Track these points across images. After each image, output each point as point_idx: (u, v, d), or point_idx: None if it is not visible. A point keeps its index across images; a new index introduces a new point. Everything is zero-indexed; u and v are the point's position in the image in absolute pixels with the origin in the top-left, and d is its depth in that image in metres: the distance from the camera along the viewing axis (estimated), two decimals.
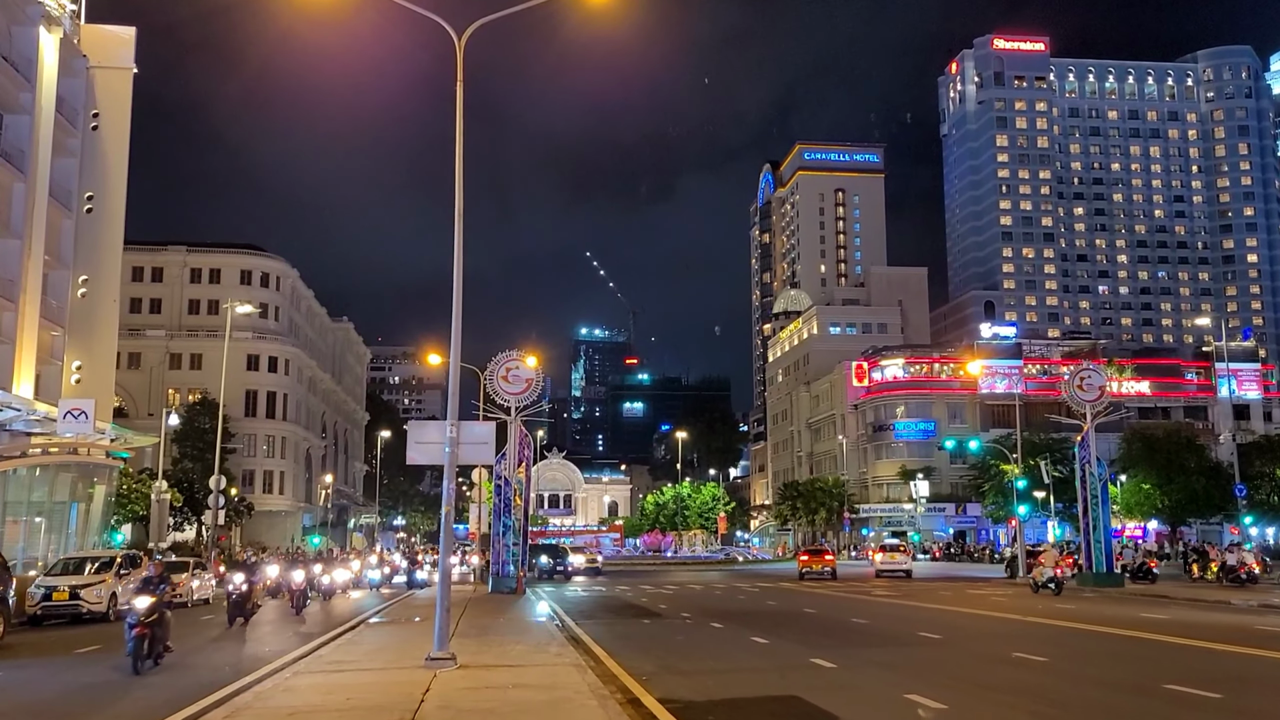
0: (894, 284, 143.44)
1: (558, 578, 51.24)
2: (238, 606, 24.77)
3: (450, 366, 15.90)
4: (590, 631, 22.00)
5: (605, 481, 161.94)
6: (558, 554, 55.43)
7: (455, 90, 16.07)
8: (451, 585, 19.63)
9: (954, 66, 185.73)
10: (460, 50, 15.94)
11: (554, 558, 53.96)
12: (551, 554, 54.85)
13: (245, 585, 24.85)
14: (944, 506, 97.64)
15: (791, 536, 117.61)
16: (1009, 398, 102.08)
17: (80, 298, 47.17)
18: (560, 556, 54.63)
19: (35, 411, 38.70)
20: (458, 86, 16.00)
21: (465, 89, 16.03)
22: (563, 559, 54.22)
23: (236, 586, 24.85)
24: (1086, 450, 39.48)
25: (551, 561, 52.95)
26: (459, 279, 15.84)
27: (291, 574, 28.05)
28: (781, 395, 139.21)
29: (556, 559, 53.76)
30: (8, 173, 40.90)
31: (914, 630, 21.95)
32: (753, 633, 21.30)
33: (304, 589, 28.10)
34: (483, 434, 16.16)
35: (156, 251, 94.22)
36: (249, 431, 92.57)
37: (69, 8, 46.33)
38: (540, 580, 49.04)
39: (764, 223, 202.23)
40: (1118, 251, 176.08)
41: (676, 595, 36.94)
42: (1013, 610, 27.85)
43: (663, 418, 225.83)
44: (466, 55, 15.97)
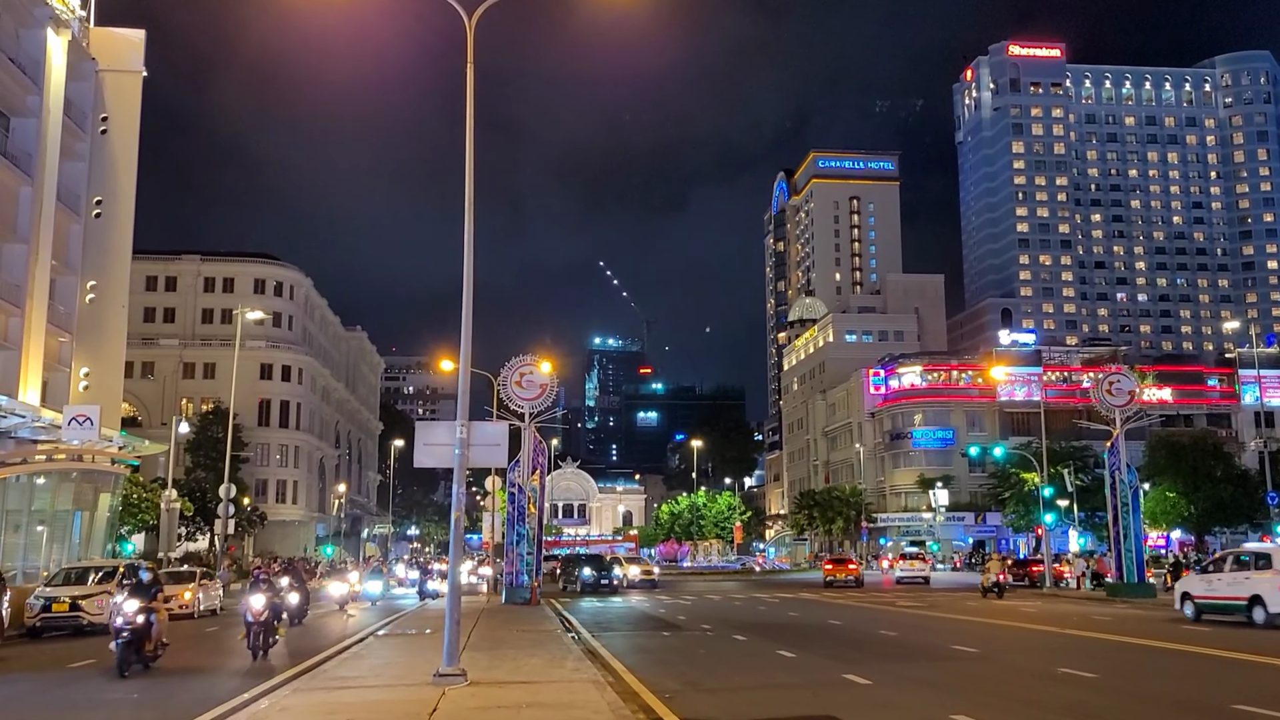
0: (910, 291, 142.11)
1: (604, 592, 45.10)
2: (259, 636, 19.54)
3: (461, 360, 15.01)
4: (608, 645, 21.05)
5: (619, 491, 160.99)
6: (603, 565, 49.28)
7: (469, 97, 15.32)
8: (463, 596, 18.81)
9: (969, 73, 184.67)
10: (470, 31, 15.15)
11: (598, 569, 47.88)
12: (595, 565, 48.94)
13: (266, 610, 19.50)
14: (963, 516, 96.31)
15: (808, 546, 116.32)
16: (1029, 405, 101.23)
17: (88, 304, 46.54)
18: (606, 568, 48.49)
19: (41, 418, 38.00)
20: (468, 69, 15.17)
21: (477, 95, 15.35)
22: (608, 571, 47.85)
23: (256, 613, 19.27)
24: (1116, 456, 38.34)
25: (595, 574, 46.92)
26: (469, 265, 14.96)
27: (250, 599, 19.35)
28: (797, 403, 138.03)
29: (601, 571, 47.65)
30: (14, 176, 40.32)
31: (946, 643, 20.93)
32: (778, 646, 20.30)
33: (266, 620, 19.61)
34: (494, 434, 15.26)
35: (170, 261, 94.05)
36: (262, 440, 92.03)
37: (78, 12, 45.81)
38: (583, 595, 44.08)
39: (778, 231, 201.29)
40: (1136, 258, 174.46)
41: (695, 606, 35.93)
42: (1046, 622, 26.78)
43: (677, 427, 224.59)
44: (479, 58, 15.24)
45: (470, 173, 15.20)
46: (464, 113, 15.23)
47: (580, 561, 50.81)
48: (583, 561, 50.74)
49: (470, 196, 15.12)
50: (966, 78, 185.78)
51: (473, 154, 15.30)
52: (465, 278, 14.90)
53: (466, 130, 15.12)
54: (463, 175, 15.27)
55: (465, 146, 15.11)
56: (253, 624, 19.36)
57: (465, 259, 14.92)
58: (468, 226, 15.06)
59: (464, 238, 15.05)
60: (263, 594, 19.62)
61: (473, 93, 15.14)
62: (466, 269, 14.92)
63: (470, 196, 15.12)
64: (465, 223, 15.04)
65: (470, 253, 15.00)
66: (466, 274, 14.92)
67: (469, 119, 15.11)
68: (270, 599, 19.73)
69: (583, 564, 49.48)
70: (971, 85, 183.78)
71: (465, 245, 14.96)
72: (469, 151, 15.24)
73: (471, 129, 15.13)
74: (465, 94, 15.29)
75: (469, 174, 15.21)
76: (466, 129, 15.06)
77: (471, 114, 15.14)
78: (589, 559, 53.23)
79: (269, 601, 19.58)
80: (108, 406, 45.74)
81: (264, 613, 19.35)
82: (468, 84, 15.16)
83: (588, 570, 47.47)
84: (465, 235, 15.02)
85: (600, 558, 55.81)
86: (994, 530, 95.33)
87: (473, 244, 15.09)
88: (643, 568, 56.39)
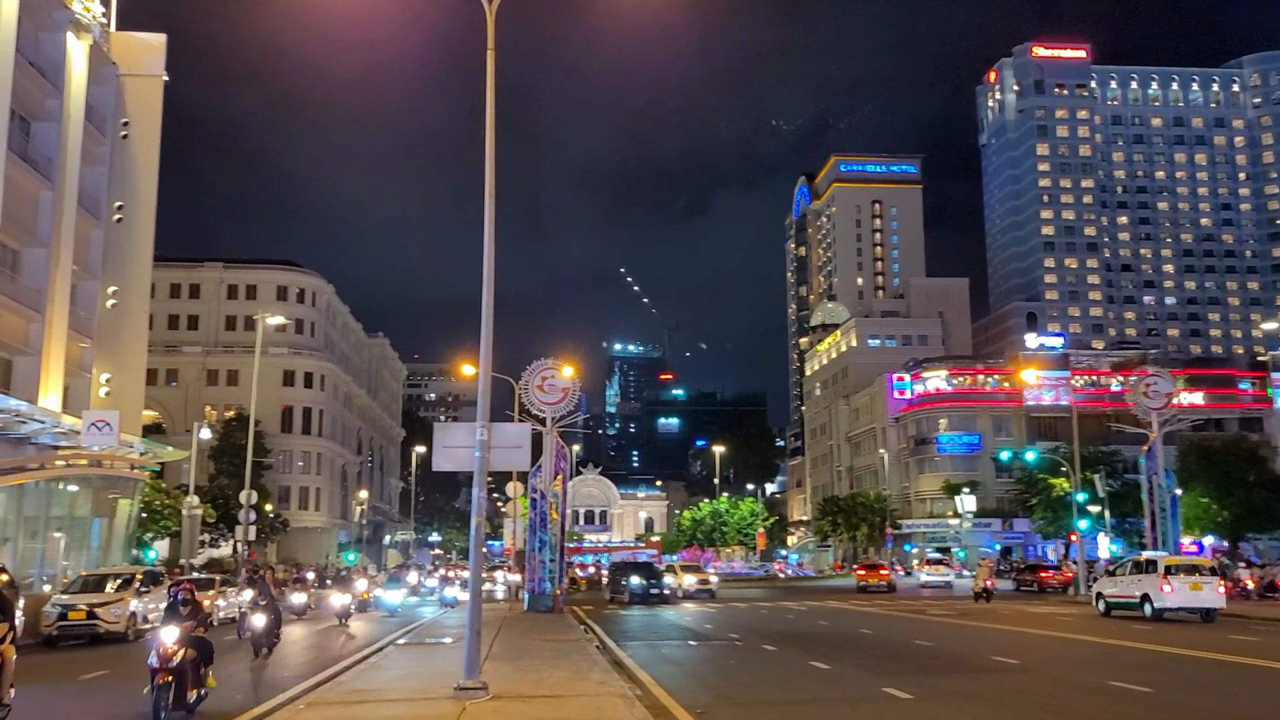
0: (935, 295, 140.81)
1: (654, 602, 41.91)
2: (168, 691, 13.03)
3: (481, 359, 14.41)
4: (634, 655, 20.39)
5: (641, 497, 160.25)
6: (653, 574, 45.63)
7: (489, 84, 14.79)
8: (489, 604, 18.21)
9: (992, 75, 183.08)
10: (491, 18, 14.61)
11: (649, 578, 44.17)
12: (645, 574, 45.04)
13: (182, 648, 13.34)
14: (990, 522, 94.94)
15: (832, 552, 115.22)
16: (1056, 410, 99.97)
17: (109, 309, 46.30)
18: (656, 576, 45.00)
19: (61, 424, 37.65)
20: (489, 56, 14.61)
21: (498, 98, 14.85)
22: (659, 579, 44.54)
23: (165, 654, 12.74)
24: (1153, 460, 37.41)
25: (646, 583, 43.31)
26: (489, 257, 14.38)
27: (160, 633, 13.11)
28: (820, 409, 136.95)
29: (651, 579, 44.03)
30: (35, 181, 40.08)
31: (986, 654, 20.14)
32: (810, 656, 19.58)
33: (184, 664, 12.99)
34: (516, 436, 14.62)
35: (193, 268, 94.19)
36: (285, 447, 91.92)
37: (99, 16, 45.64)
38: (632, 604, 41.32)
39: (799, 236, 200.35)
40: (1163, 261, 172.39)
41: (721, 614, 35.20)
42: (1086, 631, 25.90)
43: (698, 433, 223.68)
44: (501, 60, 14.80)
45: (490, 164, 14.63)
46: (487, 119, 14.72)
47: (629, 569, 46.75)
48: (632, 569, 46.67)
49: (490, 188, 14.55)
50: (990, 80, 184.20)
51: (492, 145, 14.74)
52: (485, 271, 14.31)
53: (487, 120, 14.55)
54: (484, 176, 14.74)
55: (485, 138, 14.54)
56: (158, 669, 12.60)
57: (485, 250, 14.34)
58: (488, 219, 14.49)
59: (484, 229, 14.50)
60: (179, 625, 13.00)
61: (492, 81, 14.59)
62: (487, 261, 14.34)
63: (490, 188, 14.55)
64: (485, 214, 14.48)
65: (490, 244, 14.42)
66: (487, 267, 14.33)
67: (489, 108, 14.55)
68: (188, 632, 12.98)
69: (631, 572, 45.58)
70: (995, 87, 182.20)
71: (485, 236, 14.38)
72: (489, 142, 14.67)
73: (491, 119, 14.56)
74: (485, 84, 14.76)
75: (489, 165, 14.66)
76: (487, 119, 14.49)
77: (491, 103, 14.59)
78: (638, 566, 49.08)
79: (186, 635, 12.95)
80: (129, 412, 45.47)
81: (180, 651, 12.77)
82: (488, 72, 14.61)
83: (637, 579, 43.78)
84: (485, 226, 14.45)
85: (650, 565, 51.94)
86: (1021, 536, 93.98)
87: (493, 235, 14.53)
88: (699, 576, 51.16)
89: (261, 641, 20.25)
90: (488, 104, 14.48)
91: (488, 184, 14.61)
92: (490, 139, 14.48)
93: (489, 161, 14.61)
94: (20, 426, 35.31)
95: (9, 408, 32.63)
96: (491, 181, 14.62)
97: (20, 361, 39.62)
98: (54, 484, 29.14)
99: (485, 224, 14.37)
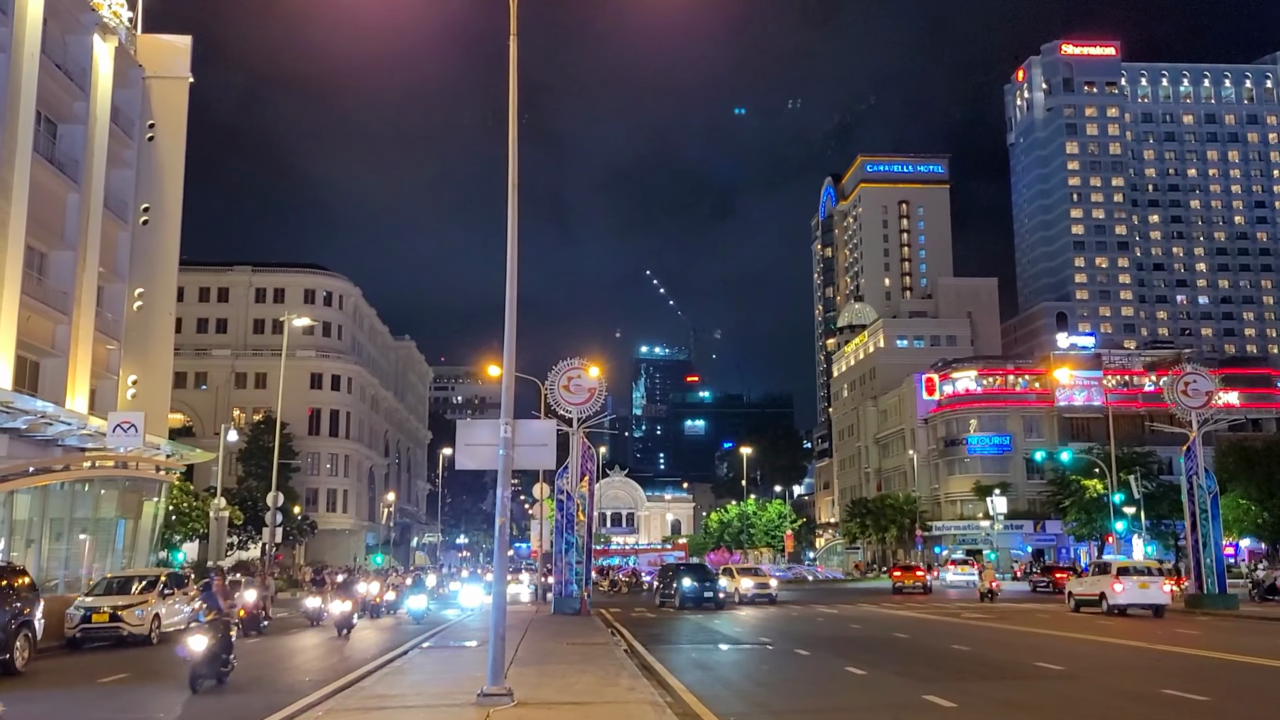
0: (963, 295, 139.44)
1: (709, 608, 38.22)
2: None
3: (505, 350, 13.95)
4: (664, 660, 19.86)
5: (668, 499, 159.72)
6: (707, 576, 41.95)
7: (511, 68, 14.36)
8: (510, 607, 17.79)
9: (1020, 74, 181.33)
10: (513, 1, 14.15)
11: (701, 581, 40.35)
12: (698, 576, 41.16)
13: None
14: (1021, 524, 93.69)
15: (860, 554, 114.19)
16: (1088, 410, 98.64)
17: (136, 311, 46.31)
18: (710, 579, 41.20)
19: (88, 426, 37.67)
20: (510, 42, 14.15)
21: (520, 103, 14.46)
22: (713, 582, 40.73)
23: None
24: (1194, 460, 36.44)
25: (699, 586, 39.55)
26: (513, 243, 13.91)
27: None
28: (847, 410, 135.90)
29: (705, 582, 40.27)
30: (61, 183, 40.12)
31: (1028, 659, 19.48)
32: (846, 661, 18.97)
33: None
34: (541, 433, 14.16)
35: (222, 272, 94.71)
36: (312, 450, 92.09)
37: (125, 16, 45.68)
38: (683, 610, 37.92)
39: (826, 236, 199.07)
40: (1196, 260, 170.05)
41: (751, 617, 34.60)
42: (1130, 636, 25.15)
43: (725, 435, 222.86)
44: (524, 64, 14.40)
45: (513, 148, 14.18)
46: (510, 104, 14.28)
47: (680, 572, 42.56)
48: (684, 571, 42.52)
49: (513, 175, 14.10)
50: (1018, 78, 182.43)
51: (515, 132, 14.28)
52: (509, 261, 13.86)
53: (510, 106, 14.11)
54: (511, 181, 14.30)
55: (509, 122, 14.09)
56: None
57: (509, 238, 13.89)
58: (511, 205, 14.05)
59: (507, 215, 14.05)
60: None
61: (514, 66, 14.13)
62: (510, 251, 13.88)
63: (513, 175, 14.10)
64: (509, 201, 14.03)
65: (514, 231, 13.96)
66: (510, 256, 13.88)
67: (511, 93, 14.09)
68: None
69: (683, 574, 41.49)
70: (1023, 86, 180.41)
71: (509, 222, 13.93)
72: (511, 130, 14.22)
73: (514, 106, 14.11)
74: (509, 72, 14.32)
75: (511, 152, 14.20)
76: (510, 103, 14.04)
77: (514, 89, 14.13)
78: (691, 569, 44.86)
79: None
80: (155, 414, 45.48)
81: None
82: (510, 56, 14.15)
83: (689, 582, 39.87)
84: (509, 212, 14.00)
85: (704, 567, 48.05)
86: (1054, 539, 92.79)
87: (516, 223, 14.07)
88: (757, 579, 46.45)
89: (201, 671, 15.68)
90: (510, 90, 14.03)
91: (511, 168, 14.17)
92: (513, 127, 14.04)
93: (512, 148, 14.17)
94: (47, 428, 35.32)
95: (34, 409, 32.58)
96: (514, 167, 14.17)
97: (47, 363, 39.65)
98: (79, 485, 28.94)
99: (509, 210, 13.93)
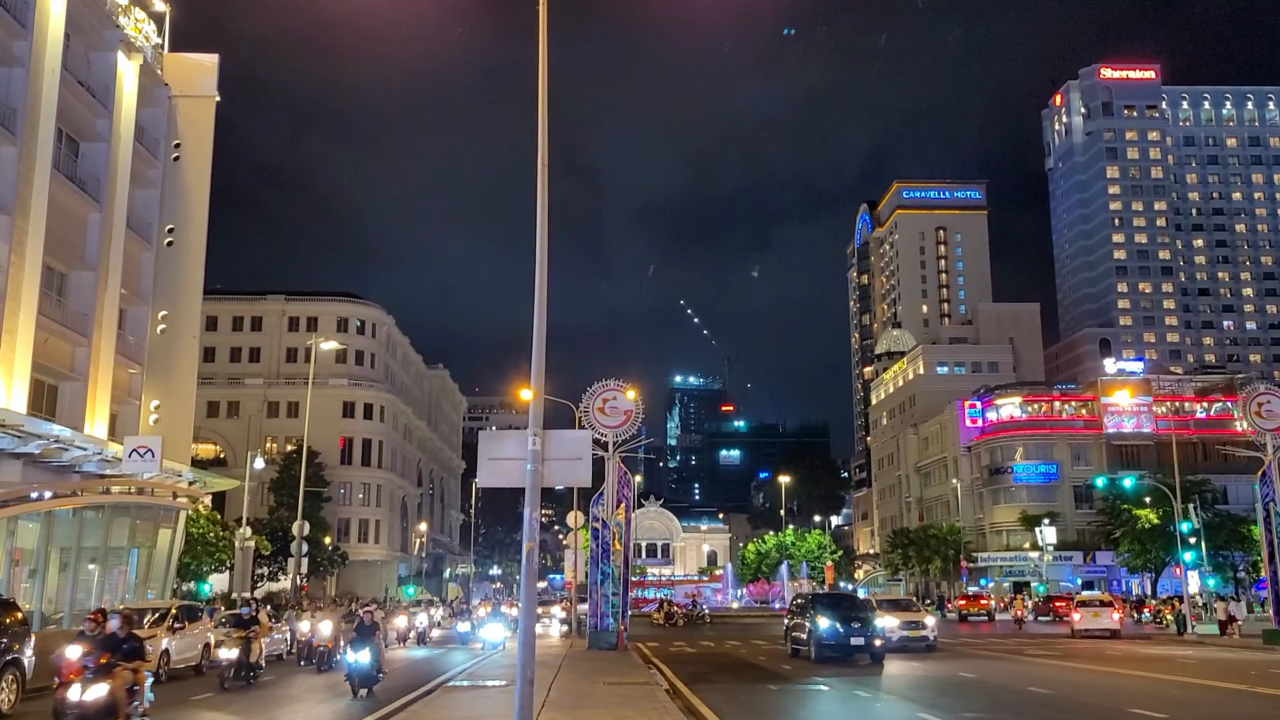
0: (1004, 321, 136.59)
1: (858, 660, 27.10)
2: None
3: (534, 344, 12.26)
4: (709, 701, 17.94)
5: (704, 530, 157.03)
6: (853, 612, 28.80)
7: (541, 35, 12.81)
8: (544, 642, 16.02)
9: (1058, 98, 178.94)
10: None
11: (847, 618, 27.78)
12: (841, 611, 28.56)
13: None
14: (1070, 555, 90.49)
15: (902, 586, 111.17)
16: (1138, 437, 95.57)
17: (159, 334, 45.14)
18: (858, 617, 28.05)
19: (106, 452, 36.38)
20: (540, 5, 12.58)
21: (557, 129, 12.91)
22: (865, 623, 27.44)
23: None
24: (1270, 486, 34.10)
25: (842, 629, 27.18)
26: (543, 218, 12.26)
27: None
28: (887, 439, 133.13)
29: (853, 622, 27.50)
30: (82, 202, 39.09)
31: (1121, 705, 17.34)
32: (917, 706, 16.99)
33: None
34: (575, 444, 12.38)
35: (255, 301, 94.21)
36: (344, 479, 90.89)
37: (153, 39, 44.88)
38: (819, 663, 26.88)
39: (862, 264, 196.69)
40: (1242, 284, 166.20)
41: (920, 678, 32.34)
42: (1218, 676, 22.88)
43: (760, 465, 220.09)
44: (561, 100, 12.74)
45: (543, 133, 12.58)
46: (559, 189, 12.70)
47: (820, 605, 29.68)
48: (820, 604, 29.80)
49: (543, 159, 12.48)
50: (1056, 103, 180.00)
51: (545, 108, 12.67)
52: (539, 235, 12.22)
53: (540, 77, 12.51)
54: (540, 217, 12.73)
55: (539, 90, 12.49)
56: None
57: (539, 225, 12.25)
58: (541, 195, 12.43)
59: (536, 208, 12.44)
60: None
61: (544, 31, 12.55)
62: (541, 220, 12.23)
63: (543, 159, 12.48)
64: (538, 190, 12.43)
65: (544, 222, 12.32)
66: (541, 229, 12.24)
67: (541, 62, 12.50)
68: None
69: (823, 609, 28.75)
70: (1061, 110, 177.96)
71: (539, 213, 12.30)
72: (541, 104, 12.63)
73: (544, 75, 12.51)
74: (539, 56, 12.76)
75: (541, 138, 12.61)
76: (540, 70, 12.45)
77: (544, 59, 12.54)
78: (831, 601, 32.38)
79: None
80: (178, 440, 44.25)
81: None
82: (540, 22, 12.58)
83: (826, 621, 27.50)
84: (539, 204, 12.39)
85: (851, 599, 36.86)
86: (1104, 570, 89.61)
87: (546, 216, 12.44)
88: (905, 617, 33.49)
89: None
90: (540, 63, 12.44)
91: (541, 159, 12.57)
92: (543, 89, 12.43)
93: (541, 142, 12.58)
94: (62, 454, 34.03)
95: (49, 433, 31.28)
96: (544, 158, 12.57)
97: (66, 387, 38.45)
98: (89, 513, 27.50)
99: (538, 195, 12.30)
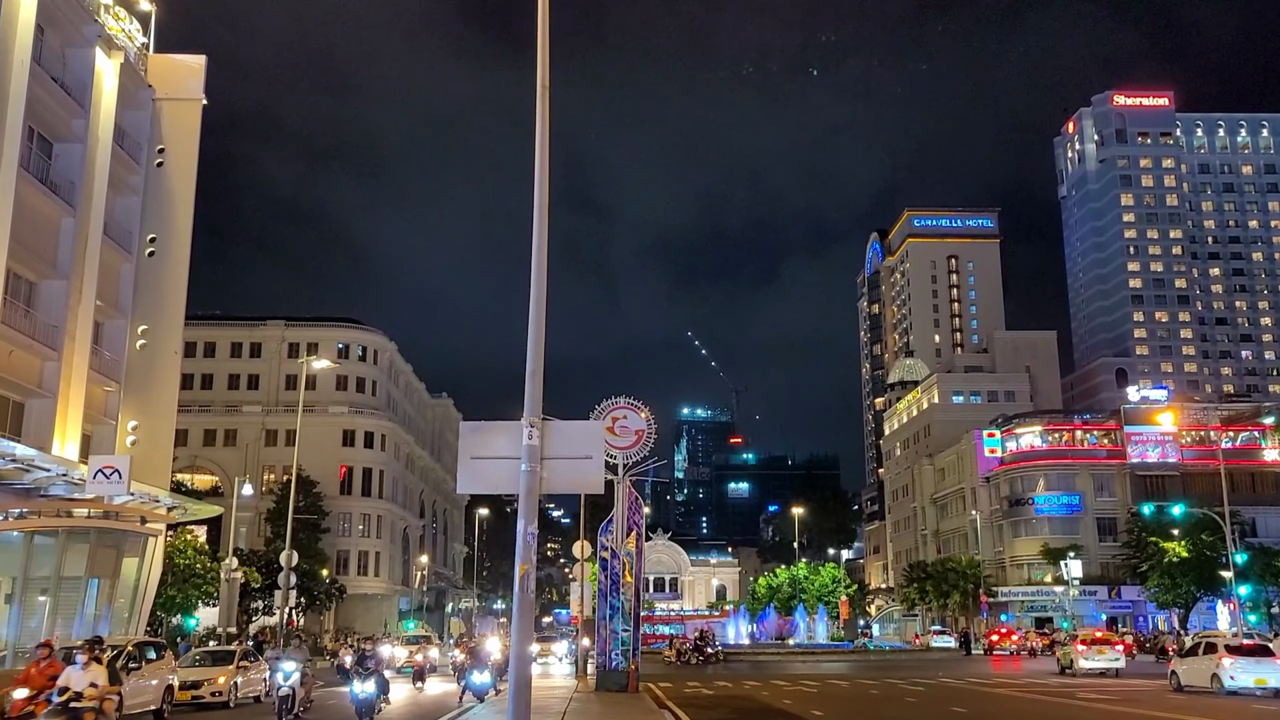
0: (1020, 349, 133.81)
1: None
2: None
3: (532, 300, 9.53)
4: None
5: (713, 564, 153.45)
6: None
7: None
8: (547, 682, 13.17)
9: (1071, 126, 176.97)
10: None
11: None
12: None
13: None
14: (1095, 589, 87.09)
15: (919, 622, 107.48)
16: (1163, 467, 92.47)
17: (139, 349, 42.36)
18: None
19: (75, 473, 33.52)
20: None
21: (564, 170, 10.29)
22: None
23: None
24: None
25: None
26: (543, 177, 9.59)
27: None
28: (901, 469, 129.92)
29: None
30: (54, 206, 36.43)
31: None
32: None
33: None
34: (582, 439, 9.55)
35: (255, 326, 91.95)
36: (344, 510, 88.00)
37: (134, 32, 42.50)
38: None
39: (872, 293, 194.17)
40: (1261, 314, 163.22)
41: (824, 695, 29.47)
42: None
43: (769, 498, 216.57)
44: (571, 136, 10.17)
45: (543, 135, 9.97)
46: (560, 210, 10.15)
47: None
48: None
49: (543, 129, 9.85)
50: (1068, 130, 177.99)
51: (545, 105, 10.08)
52: (537, 204, 9.54)
53: (540, 77, 9.95)
54: None
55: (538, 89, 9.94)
56: None
57: (537, 200, 9.56)
58: (540, 162, 9.78)
59: (534, 183, 9.79)
60: None
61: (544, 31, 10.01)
62: (539, 207, 9.55)
63: (543, 129, 9.85)
64: (536, 163, 9.81)
65: (544, 195, 9.64)
66: (540, 187, 9.56)
67: (541, 62, 9.90)
68: None
69: None
70: (1074, 138, 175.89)
71: (537, 188, 9.62)
72: (542, 103, 10.04)
73: (544, 75, 9.90)
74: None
75: (542, 142, 10.02)
76: (540, 70, 9.89)
77: (544, 59, 9.98)
78: None
79: None
80: (158, 462, 41.45)
81: None
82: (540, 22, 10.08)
83: None
84: (537, 178, 9.72)
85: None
86: (1130, 605, 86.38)
87: (546, 190, 9.78)
88: None
89: None
90: (540, 64, 9.82)
91: (540, 134, 9.94)
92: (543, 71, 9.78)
93: (541, 112, 9.94)
94: (24, 475, 31.18)
95: (5, 451, 28.47)
96: (545, 127, 9.97)
97: (33, 404, 35.59)
98: (39, 538, 24.64)
99: (536, 183, 9.63)
